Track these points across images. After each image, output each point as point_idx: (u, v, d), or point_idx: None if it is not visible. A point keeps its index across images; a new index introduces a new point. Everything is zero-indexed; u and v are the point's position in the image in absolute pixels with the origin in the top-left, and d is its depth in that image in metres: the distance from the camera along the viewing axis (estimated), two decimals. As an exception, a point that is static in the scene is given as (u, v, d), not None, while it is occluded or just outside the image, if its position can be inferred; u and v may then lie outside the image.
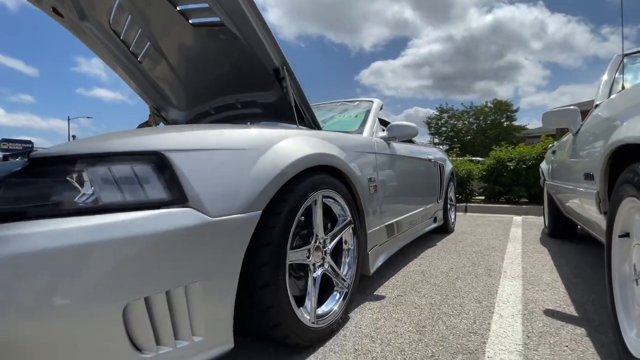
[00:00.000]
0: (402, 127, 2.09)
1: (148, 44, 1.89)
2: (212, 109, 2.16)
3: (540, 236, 3.30)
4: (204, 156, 0.91)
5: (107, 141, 0.82)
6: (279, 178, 1.05)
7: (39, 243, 0.63)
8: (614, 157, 1.13)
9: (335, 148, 1.44)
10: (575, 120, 1.75)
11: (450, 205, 3.67)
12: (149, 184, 0.80)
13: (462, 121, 30.17)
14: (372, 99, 2.55)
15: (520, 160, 5.72)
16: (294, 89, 1.66)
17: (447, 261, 2.37)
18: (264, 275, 0.99)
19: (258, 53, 1.59)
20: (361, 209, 1.58)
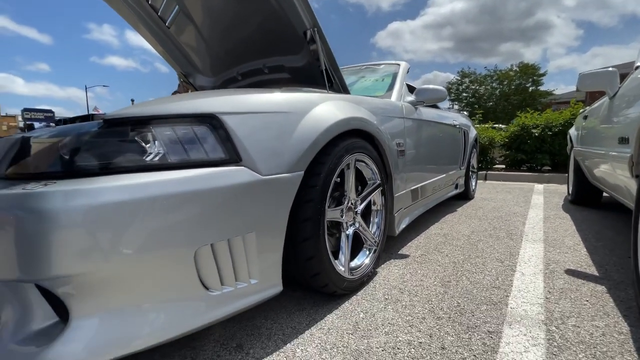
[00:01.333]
0: (430, 91, 2.07)
1: (176, 7, 1.90)
2: (240, 74, 2.18)
3: (563, 203, 3.29)
4: (253, 119, 0.97)
5: (168, 104, 0.89)
6: (318, 141, 1.11)
7: (118, 195, 0.72)
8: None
9: (367, 112, 1.47)
10: (613, 83, 1.69)
11: (472, 172, 3.67)
12: (207, 144, 0.87)
13: (484, 86, 28.72)
14: (399, 62, 2.50)
15: (546, 127, 5.53)
16: (324, 52, 1.66)
17: (469, 225, 2.43)
18: (306, 230, 1.08)
19: (288, 14, 1.58)
20: (389, 172, 1.63)
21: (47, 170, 0.76)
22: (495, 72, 27.89)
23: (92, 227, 0.70)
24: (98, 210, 0.70)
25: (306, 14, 1.55)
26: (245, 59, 2.09)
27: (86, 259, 0.70)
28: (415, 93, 2.10)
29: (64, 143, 0.78)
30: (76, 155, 0.76)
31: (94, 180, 0.74)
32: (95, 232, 0.70)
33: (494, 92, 28.32)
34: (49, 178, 0.75)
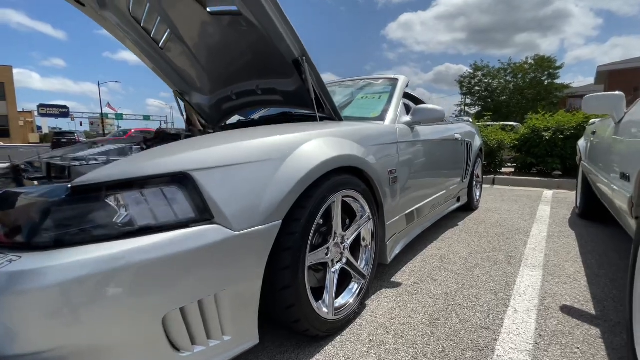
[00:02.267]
0: (427, 111, 2.01)
1: (168, 30, 1.89)
2: (234, 94, 2.17)
3: (570, 216, 3.19)
4: (227, 173, 0.95)
5: (139, 163, 0.88)
6: (298, 187, 1.09)
7: (84, 270, 0.72)
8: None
9: (355, 146, 1.43)
10: (618, 108, 1.61)
11: (476, 182, 3.59)
12: (178, 205, 0.86)
13: (497, 80, 27.98)
14: (398, 76, 2.44)
15: (558, 130, 5.35)
16: (313, 79, 1.63)
17: (467, 245, 2.38)
18: (285, 278, 1.07)
19: (277, 43, 1.55)
20: (380, 202, 1.60)
21: (13, 240, 0.77)
22: (509, 65, 27.12)
23: (58, 304, 0.70)
24: (63, 287, 0.70)
25: (294, 44, 1.52)
26: (239, 80, 2.08)
27: (52, 336, 0.70)
28: (411, 113, 2.05)
29: (32, 211, 0.78)
30: (42, 225, 0.76)
31: (60, 254, 0.73)
32: (61, 308, 0.70)
33: (507, 85, 27.57)
34: (15, 248, 0.75)
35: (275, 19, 1.42)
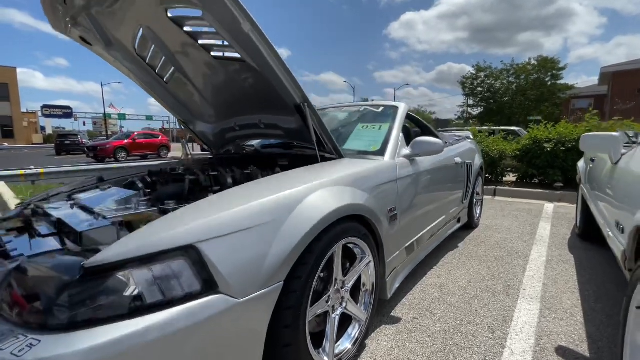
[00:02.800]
0: (425, 144, 2.04)
1: (173, 68, 1.93)
2: (237, 125, 2.21)
3: (570, 237, 3.21)
4: (231, 240, 0.99)
5: (147, 238, 0.92)
6: (300, 245, 1.12)
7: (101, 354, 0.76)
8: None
9: (357, 193, 1.47)
10: (616, 150, 1.64)
11: (477, 200, 3.61)
12: (185, 278, 0.90)
13: (500, 80, 27.86)
14: (398, 104, 2.47)
15: (559, 141, 5.36)
16: (315, 122, 1.67)
17: (467, 271, 2.41)
18: (286, 336, 1.11)
19: (279, 90, 1.59)
20: (380, 242, 1.63)
21: (28, 319, 0.81)
22: (512, 67, 26.99)
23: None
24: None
25: (296, 92, 1.55)
26: (242, 113, 2.12)
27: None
28: (410, 146, 2.08)
29: (48, 290, 0.83)
30: (58, 305, 0.80)
31: (78, 337, 0.77)
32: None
33: (510, 86, 27.45)
34: (29, 327, 0.79)
35: (277, 70, 1.46)
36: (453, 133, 4.37)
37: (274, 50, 1.40)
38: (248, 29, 1.29)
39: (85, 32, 1.79)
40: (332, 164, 1.68)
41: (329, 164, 1.66)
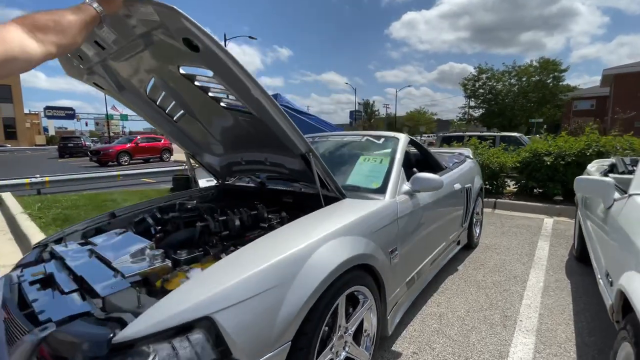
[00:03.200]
0: (425, 181, 2.11)
1: (182, 111, 2.01)
2: (244, 160, 2.29)
3: (567, 258, 3.28)
4: (242, 308, 1.07)
5: (167, 312, 1.00)
6: (307, 304, 1.20)
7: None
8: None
9: (363, 242, 1.54)
10: (608, 195, 1.70)
11: (477, 220, 3.68)
12: (201, 347, 0.98)
13: (502, 82, 27.89)
14: (398, 135, 2.55)
15: (559, 155, 5.42)
16: (319, 168, 1.74)
17: (466, 299, 2.49)
18: (293, 393, 1.18)
19: (285, 141, 1.66)
20: (382, 283, 1.71)
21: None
22: (513, 68, 26.99)
23: None
24: None
25: (301, 143, 1.63)
26: (249, 149, 2.19)
27: None
28: (411, 181, 2.15)
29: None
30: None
31: None
32: None
33: (511, 88, 27.47)
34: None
35: (284, 127, 1.54)
36: (453, 151, 4.44)
37: (281, 111, 1.48)
38: (257, 94, 1.37)
39: (99, 80, 1.87)
40: (334, 208, 1.75)
41: (332, 209, 1.72)
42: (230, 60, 1.24)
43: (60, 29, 0.88)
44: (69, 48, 0.94)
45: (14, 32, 0.79)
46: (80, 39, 0.96)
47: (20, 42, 0.78)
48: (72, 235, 1.90)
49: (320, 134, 3.16)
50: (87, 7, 0.98)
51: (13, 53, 0.76)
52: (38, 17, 0.86)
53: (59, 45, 0.88)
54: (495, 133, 11.89)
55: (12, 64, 0.77)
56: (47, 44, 0.85)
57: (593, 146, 5.18)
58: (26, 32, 0.81)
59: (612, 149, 5.10)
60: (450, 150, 4.54)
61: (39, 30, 0.84)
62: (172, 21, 1.12)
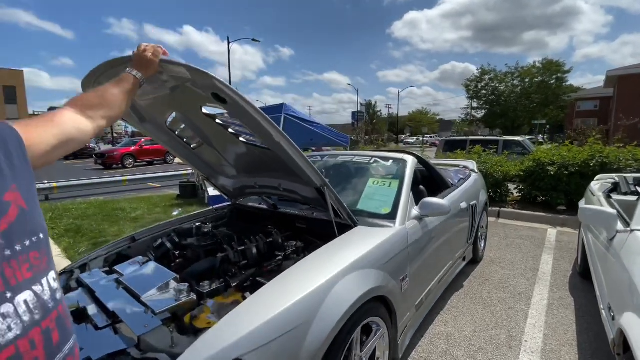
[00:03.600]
0: (434, 206, 2.18)
1: (200, 140, 2.09)
2: (257, 185, 2.37)
3: (571, 273, 3.34)
4: (268, 349, 1.15)
5: (200, 356, 1.08)
6: (327, 341, 1.28)
7: None
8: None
9: (380, 275, 1.62)
10: (611, 227, 1.77)
11: (481, 234, 3.74)
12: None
13: (505, 83, 27.86)
14: (406, 157, 2.62)
15: (563, 165, 5.47)
16: (333, 200, 1.82)
17: (472, 317, 2.56)
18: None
19: (301, 175, 1.74)
20: (393, 310, 1.79)
21: None
22: (516, 69, 26.94)
23: None
24: None
25: (316, 177, 1.71)
26: (263, 175, 2.27)
27: None
28: (420, 207, 2.22)
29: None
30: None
31: None
32: None
33: (514, 89, 27.42)
34: None
35: (302, 164, 1.62)
36: (457, 164, 4.51)
37: (298, 150, 1.56)
38: (279, 139, 1.45)
39: (124, 115, 1.95)
40: (348, 238, 1.81)
41: (346, 240, 1.79)
42: (254, 112, 1.32)
43: (107, 104, 0.97)
44: (117, 117, 1.04)
45: (68, 115, 0.87)
46: (125, 107, 1.06)
47: (75, 123, 0.87)
48: (95, 262, 1.99)
49: (330, 152, 3.24)
50: (128, 76, 1.07)
51: (70, 135, 0.84)
52: (87, 98, 0.95)
53: (108, 117, 0.97)
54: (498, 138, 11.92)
55: (70, 145, 0.85)
56: (98, 119, 0.93)
57: (597, 157, 5.22)
58: (78, 112, 0.90)
59: (615, 160, 5.15)
60: (454, 163, 4.61)
61: (89, 108, 0.92)
62: (203, 80, 1.20)
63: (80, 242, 4.14)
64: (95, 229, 4.62)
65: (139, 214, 5.50)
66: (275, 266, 1.73)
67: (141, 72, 1.09)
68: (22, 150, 0.68)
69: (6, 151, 0.64)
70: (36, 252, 0.62)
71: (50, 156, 0.79)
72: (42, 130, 0.79)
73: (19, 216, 0.60)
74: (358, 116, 32.36)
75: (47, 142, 0.78)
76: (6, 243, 0.57)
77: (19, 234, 0.59)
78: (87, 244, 4.04)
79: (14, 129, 0.70)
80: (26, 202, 0.63)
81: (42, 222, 0.67)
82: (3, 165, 0.62)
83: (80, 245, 3.98)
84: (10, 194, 0.60)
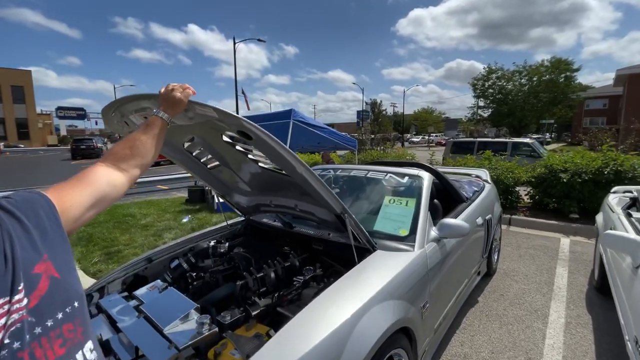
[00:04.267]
0: (453, 228, 2.15)
1: (217, 162, 2.08)
2: (273, 204, 2.35)
3: (587, 288, 3.29)
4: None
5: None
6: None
7: None
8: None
9: (398, 305, 1.60)
10: (637, 256, 1.73)
11: (495, 246, 3.70)
12: None
13: (512, 82, 27.52)
14: (422, 174, 2.58)
15: (576, 173, 5.39)
16: (353, 226, 1.80)
17: (489, 337, 2.53)
18: None
19: (320, 202, 1.72)
20: (414, 339, 1.77)
21: None
22: (524, 68, 26.60)
23: None
24: None
25: (336, 204, 1.69)
26: (279, 195, 2.26)
27: None
28: (438, 228, 2.19)
29: None
30: None
31: None
32: None
33: (521, 88, 27.09)
34: None
35: (320, 190, 1.60)
36: (469, 172, 4.45)
37: (319, 179, 1.54)
38: (302, 170, 1.43)
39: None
40: (368, 266, 1.78)
41: (366, 268, 1.76)
42: (279, 147, 1.30)
43: (139, 153, 0.96)
44: (150, 163, 1.03)
45: (101, 172, 0.86)
46: (156, 152, 1.04)
47: (108, 179, 0.86)
48: (113, 284, 1.99)
49: (342, 166, 3.21)
50: (156, 119, 1.05)
51: (104, 192, 0.83)
52: (117, 150, 0.94)
53: (141, 165, 0.96)
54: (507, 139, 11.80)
55: (103, 203, 0.84)
56: (131, 170, 0.92)
57: (611, 165, 5.13)
58: (111, 166, 0.89)
59: (630, 168, 5.06)
60: (466, 172, 4.56)
61: (121, 161, 0.91)
62: (230, 120, 1.19)
63: (93, 251, 4.17)
64: (107, 237, 4.65)
65: (149, 221, 5.53)
66: (295, 294, 1.72)
67: (168, 113, 1.08)
68: (54, 216, 0.67)
69: (38, 220, 0.63)
70: (70, 324, 0.60)
71: (84, 217, 0.78)
72: (75, 192, 0.78)
73: (50, 287, 0.58)
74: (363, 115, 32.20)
75: (80, 204, 0.77)
76: (37, 320, 0.54)
77: (51, 307, 0.57)
78: (99, 253, 4.06)
79: (44, 195, 0.69)
80: (59, 270, 0.61)
81: (78, 288, 0.65)
82: (34, 236, 0.60)
83: (92, 255, 4.00)
84: (41, 265, 0.59)
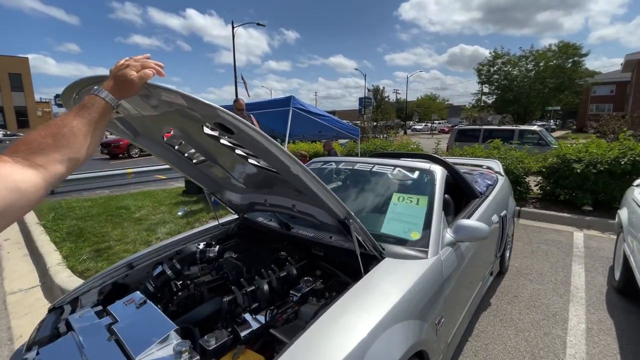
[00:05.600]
0: (471, 230, 1.91)
1: (202, 157, 1.82)
2: (268, 203, 2.11)
3: (607, 288, 3.07)
4: None
5: None
6: None
7: None
8: None
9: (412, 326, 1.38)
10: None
11: (508, 242, 3.47)
12: None
13: (518, 68, 26.78)
14: (434, 169, 2.33)
15: (590, 163, 5.10)
16: (358, 232, 1.56)
17: (504, 346, 2.32)
18: None
19: (321, 205, 1.48)
20: (427, 358, 1.55)
21: None
22: (531, 53, 25.84)
23: None
24: None
25: (339, 208, 1.44)
26: (275, 193, 2.01)
27: None
28: (454, 231, 1.95)
29: None
30: None
31: None
32: None
33: (528, 74, 26.38)
34: None
35: (320, 193, 1.35)
36: (480, 163, 4.18)
37: (318, 180, 1.28)
38: (297, 171, 1.18)
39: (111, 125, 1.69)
40: (377, 277, 1.55)
41: (374, 281, 1.53)
42: (268, 143, 1.04)
43: (65, 143, 0.69)
44: (82, 158, 0.77)
45: (1, 171, 0.60)
46: (94, 144, 0.79)
47: (13, 183, 0.59)
48: (88, 295, 1.77)
49: (346, 158, 2.94)
50: (94, 99, 0.79)
51: (6, 201, 0.57)
52: (31, 138, 0.67)
53: (67, 161, 0.70)
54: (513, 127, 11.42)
55: (9, 215, 0.58)
56: (50, 166, 0.66)
57: (629, 155, 4.84)
58: (19, 162, 0.63)
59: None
60: (477, 163, 4.28)
61: (36, 153, 0.65)
62: (204, 111, 0.93)
63: (82, 247, 3.96)
64: (98, 232, 4.44)
65: (143, 214, 5.31)
66: (291, 313, 1.48)
67: (114, 95, 0.81)
68: None
69: None
70: None
71: None
72: None
73: None
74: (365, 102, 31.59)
75: None
76: None
77: None
78: (88, 250, 3.86)
79: None
80: None
81: None
82: None
83: (81, 252, 3.80)
84: None
